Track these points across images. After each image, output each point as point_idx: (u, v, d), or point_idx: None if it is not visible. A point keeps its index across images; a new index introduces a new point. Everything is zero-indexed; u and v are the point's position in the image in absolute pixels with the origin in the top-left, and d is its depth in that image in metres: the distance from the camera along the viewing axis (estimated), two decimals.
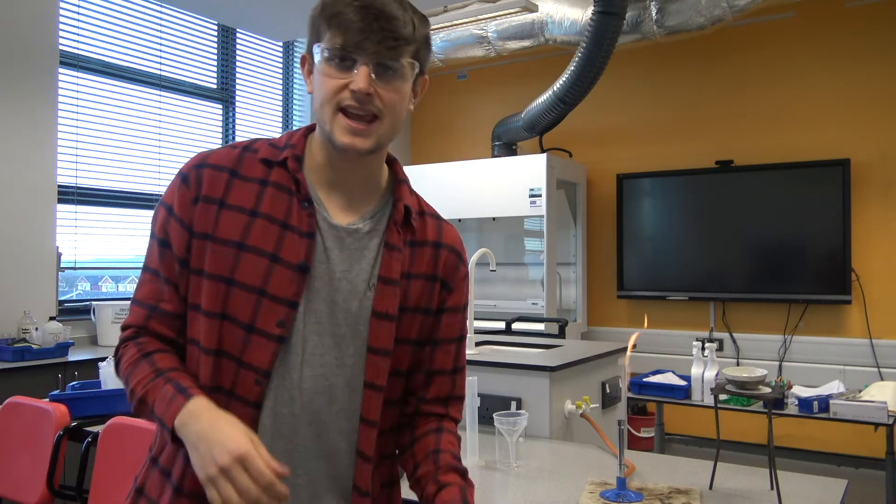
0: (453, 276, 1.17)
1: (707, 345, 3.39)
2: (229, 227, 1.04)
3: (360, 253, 1.09)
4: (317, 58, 1.04)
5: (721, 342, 4.84)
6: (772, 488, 1.59)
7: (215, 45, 5.03)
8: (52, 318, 3.71)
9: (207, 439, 0.93)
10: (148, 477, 1.10)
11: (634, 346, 1.64)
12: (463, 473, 1.13)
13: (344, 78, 1.01)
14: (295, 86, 5.66)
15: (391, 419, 1.15)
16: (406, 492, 1.22)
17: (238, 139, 5.19)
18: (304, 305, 1.05)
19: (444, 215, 1.23)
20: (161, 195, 1.22)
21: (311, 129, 1.13)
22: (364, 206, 1.11)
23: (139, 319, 1.07)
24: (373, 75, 1.01)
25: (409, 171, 5.16)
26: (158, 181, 4.57)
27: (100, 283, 4.56)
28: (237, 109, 5.16)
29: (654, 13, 4.43)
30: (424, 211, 1.18)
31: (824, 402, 3.13)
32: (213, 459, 0.91)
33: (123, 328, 1.09)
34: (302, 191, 1.06)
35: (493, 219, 5.45)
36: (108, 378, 2.40)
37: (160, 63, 4.61)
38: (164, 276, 1.07)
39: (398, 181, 1.15)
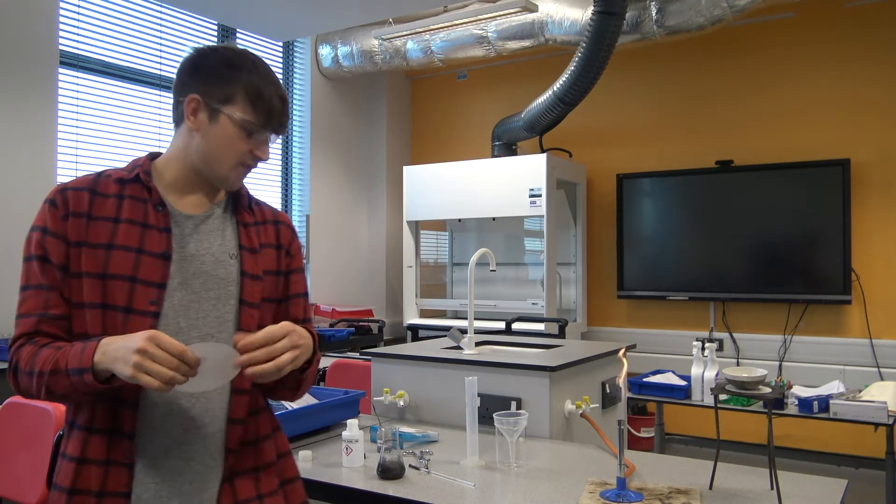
0: (291, 244, 1.47)
1: (707, 345, 3.39)
2: (98, 233, 1.26)
3: (216, 233, 1.35)
4: (229, 120, 1.28)
5: (721, 342, 4.84)
6: (772, 488, 1.59)
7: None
8: None
9: (122, 346, 1.12)
10: (68, 443, 1.26)
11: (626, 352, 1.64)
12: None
13: (250, 145, 1.31)
14: (295, 86, 5.66)
15: None
16: None
17: None
18: (179, 282, 1.28)
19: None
20: None
21: (153, 155, 1.38)
22: (210, 200, 1.37)
23: (29, 327, 1.23)
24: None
25: (409, 170, 5.14)
26: None
27: None
28: None
29: (654, 13, 4.43)
30: (259, 201, 1.47)
31: (824, 402, 3.13)
32: (130, 349, 1.10)
33: (11, 344, 1.25)
34: (154, 196, 1.30)
35: (493, 219, 5.45)
36: None
37: (160, 63, 4.61)
38: (46, 286, 1.24)
39: None
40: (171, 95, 1.35)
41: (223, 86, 1.28)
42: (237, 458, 1.31)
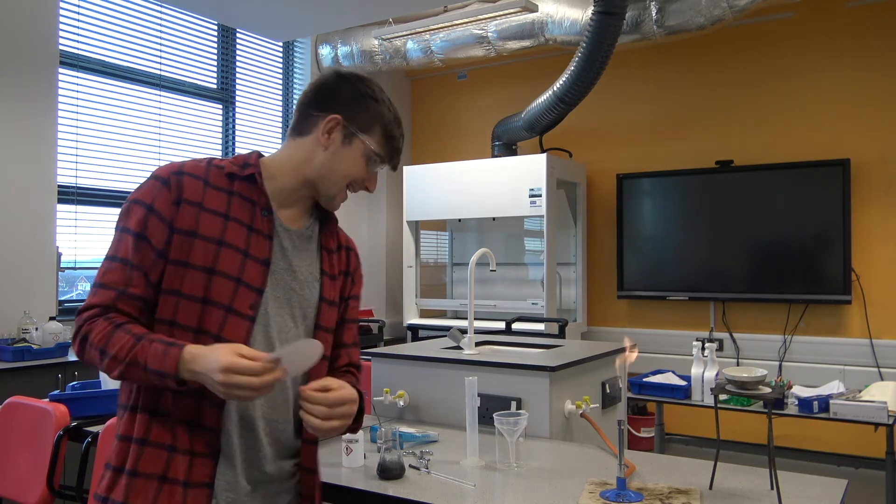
0: (356, 272, 1.53)
1: (707, 345, 3.39)
2: (210, 226, 1.25)
3: (307, 252, 1.38)
4: (362, 148, 1.35)
5: (721, 342, 4.84)
6: (772, 488, 1.59)
7: (215, 45, 5.03)
8: (51, 318, 3.71)
9: (204, 370, 1.14)
10: (131, 425, 1.27)
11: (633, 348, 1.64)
12: (356, 376, 1.47)
13: (367, 174, 1.38)
14: (295, 86, 5.66)
15: None
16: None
17: (238, 139, 5.19)
18: (271, 291, 1.30)
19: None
20: None
21: (259, 154, 1.38)
22: (305, 217, 1.40)
23: (106, 300, 1.22)
24: None
25: (409, 170, 5.14)
26: None
27: None
28: (237, 109, 5.16)
29: (654, 13, 4.43)
30: (338, 223, 1.50)
31: (824, 402, 3.13)
32: (214, 383, 1.13)
33: (85, 309, 1.23)
34: (263, 200, 1.32)
35: (493, 219, 5.45)
36: (108, 378, 2.39)
37: (160, 63, 4.61)
38: (135, 264, 1.23)
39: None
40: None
41: (365, 115, 1.34)
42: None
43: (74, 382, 2.62)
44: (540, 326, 4.61)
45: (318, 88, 1.37)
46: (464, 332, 2.54)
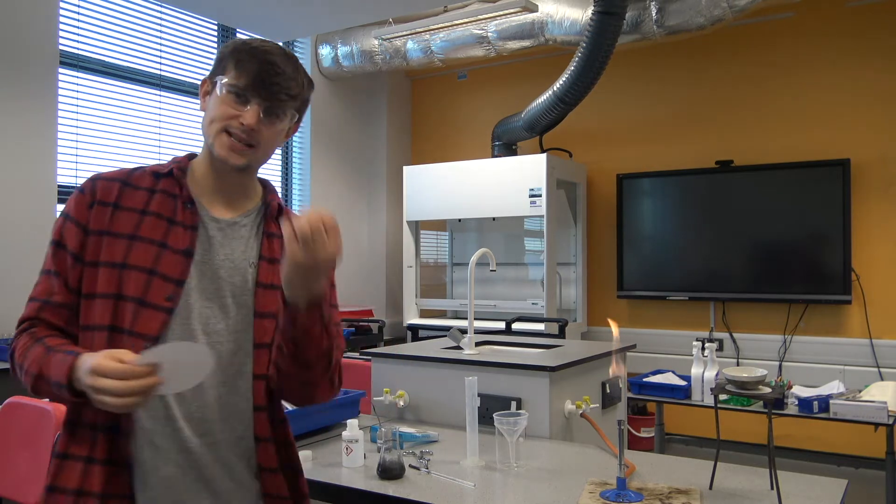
0: None
1: (707, 345, 3.39)
2: (123, 223, 1.25)
3: (241, 239, 1.32)
4: (218, 87, 1.27)
5: (721, 342, 4.84)
6: (772, 488, 1.59)
7: (215, 45, 5.03)
8: None
9: (81, 376, 1.10)
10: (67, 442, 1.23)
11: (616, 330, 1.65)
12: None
13: (237, 110, 1.26)
14: None
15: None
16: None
17: None
18: (195, 282, 1.25)
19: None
20: None
21: (192, 155, 1.38)
22: (241, 208, 1.35)
23: (32, 312, 1.25)
24: (260, 115, 1.26)
25: (409, 170, 5.13)
26: None
27: None
28: None
29: (654, 13, 4.43)
30: (292, 214, 1.39)
31: (824, 402, 3.13)
32: (85, 386, 1.08)
33: (19, 324, 1.26)
34: (184, 193, 1.30)
35: (493, 219, 5.45)
36: None
37: (160, 63, 4.61)
38: (54, 272, 1.24)
39: (270, 191, 1.42)
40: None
41: (222, 62, 1.29)
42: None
43: None
44: (540, 326, 4.61)
45: None
46: (464, 332, 2.54)
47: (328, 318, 1.24)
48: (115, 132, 4.36)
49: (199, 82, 1.36)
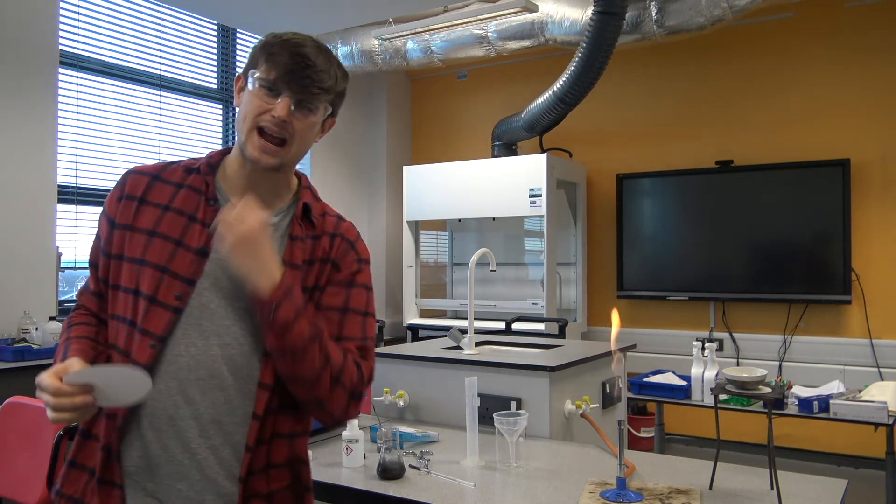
0: (343, 259, 1.33)
1: (707, 345, 3.39)
2: (145, 219, 1.25)
3: None
4: (250, 82, 1.25)
5: (721, 342, 4.84)
6: (772, 488, 1.59)
7: (215, 45, 5.03)
8: (52, 318, 3.71)
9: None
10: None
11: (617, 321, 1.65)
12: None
13: (268, 104, 1.23)
14: None
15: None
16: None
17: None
18: (212, 283, 1.23)
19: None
20: None
21: (227, 150, 1.35)
22: (270, 207, 1.28)
23: (78, 295, 1.34)
24: (292, 107, 1.23)
25: (409, 170, 5.11)
26: None
27: None
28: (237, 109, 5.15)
29: (654, 13, 4.43)
30: (327, 212, 1.38)
31: (824, 402, 3.13)
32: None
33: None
34: (210, 190, 1.28)
35: (493, 219, 5.45)
36: None
37: (160, 63, 4.61)
38: (91, 261, 1.31)
39: (303, 188, 1.37)
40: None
41: (254, 57, 1.27)
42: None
43: None
44: (540, 326, 4.61)
45: None
46: (464, 332, 2.54)
47: (311, 336, 1.19)
48: (115, 132, 4.36)
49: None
